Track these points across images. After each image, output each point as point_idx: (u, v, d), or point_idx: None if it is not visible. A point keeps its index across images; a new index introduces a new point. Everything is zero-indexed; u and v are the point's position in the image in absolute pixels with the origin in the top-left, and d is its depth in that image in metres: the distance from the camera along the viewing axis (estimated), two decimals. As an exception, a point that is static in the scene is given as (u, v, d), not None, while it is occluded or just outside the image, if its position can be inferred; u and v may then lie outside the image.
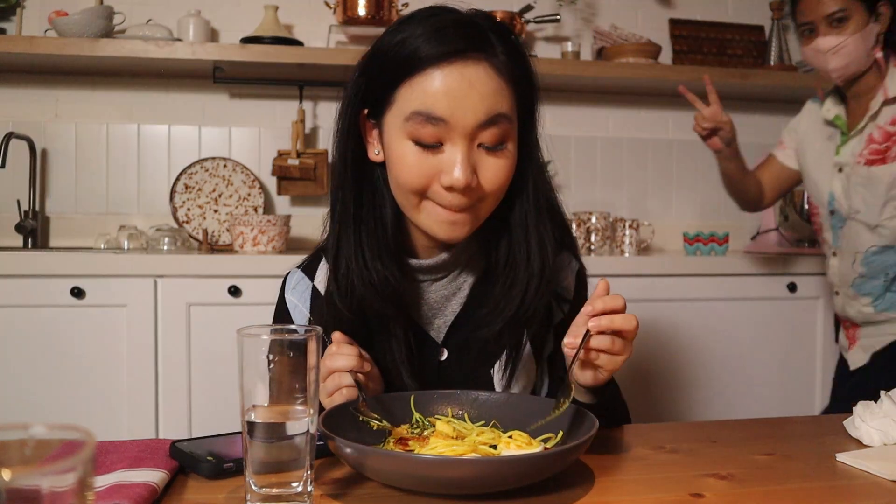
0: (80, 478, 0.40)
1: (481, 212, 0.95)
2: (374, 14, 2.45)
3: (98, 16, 2.29)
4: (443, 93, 0.87)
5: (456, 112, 0.87)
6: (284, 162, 2.51)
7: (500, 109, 0.90)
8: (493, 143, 0.91)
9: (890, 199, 1.69)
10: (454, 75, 0.87)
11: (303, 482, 0.73)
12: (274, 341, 0.74)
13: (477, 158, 0.91)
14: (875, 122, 1.71)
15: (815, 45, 1.68)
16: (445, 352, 1.04)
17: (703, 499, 0.79)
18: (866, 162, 1.71)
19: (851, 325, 1.89)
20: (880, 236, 1.73)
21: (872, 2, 1.65)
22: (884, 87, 1.69)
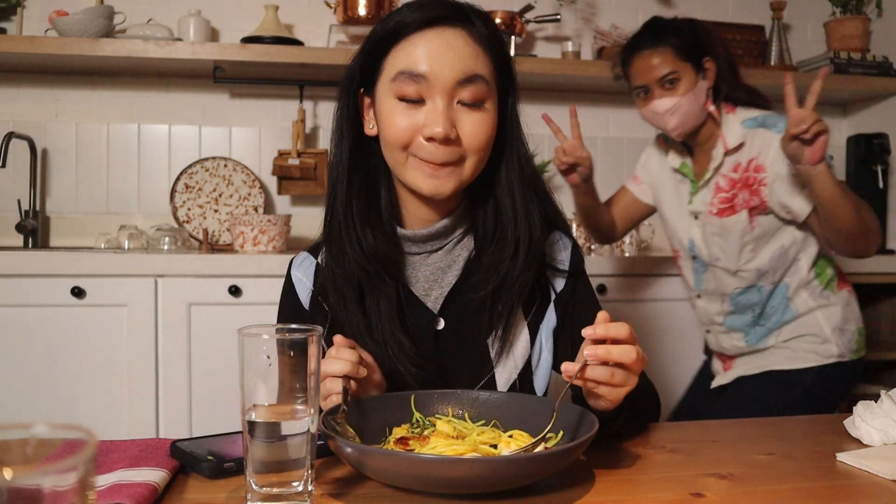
0: (81, 477, 0.40)
1: (464, 170, 0.99)
2: (375, 14, 2.45)
3: (98, 15, 2.29)
4: (424, 52, 0.95)
5: (435, 69, 0.95)
6: (285, 162, 2.51)
7: (477, 70, 0.96)
8: (471, 100, 0.97)
9: (744, 244, 1.77)
10: (434, 38, 0.96)
11: (303, 482, 0.73)
12: (275, 341, 0.74)
13: (457, 114, 0.97)
14: (720, 171, 1.78)
15: (651, 108, 1.74)
16: (442, 321, 1.06)
17: (703, 498, 0.79)
18: (717, 212, 1.79)
19: (727, 357, 1.95)
20: (742, 279, 1.81)
21: (698, 60, 1.73)
22: (722, 137, 1.76)
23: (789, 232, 1.76)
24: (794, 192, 1.67)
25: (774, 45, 2.84)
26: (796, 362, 1.80)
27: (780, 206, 1.70)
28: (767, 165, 1.70)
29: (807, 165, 1.51)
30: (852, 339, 1.83)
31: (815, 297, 1.80)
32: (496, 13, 2.57)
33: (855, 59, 2.75)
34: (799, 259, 1.78)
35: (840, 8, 2.87)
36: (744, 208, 1.75)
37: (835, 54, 2.75)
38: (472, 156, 0.99)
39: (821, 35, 2.96)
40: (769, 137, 1.70)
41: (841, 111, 3.07)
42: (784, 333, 1.82)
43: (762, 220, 1.75)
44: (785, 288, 1.80)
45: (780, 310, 1.81)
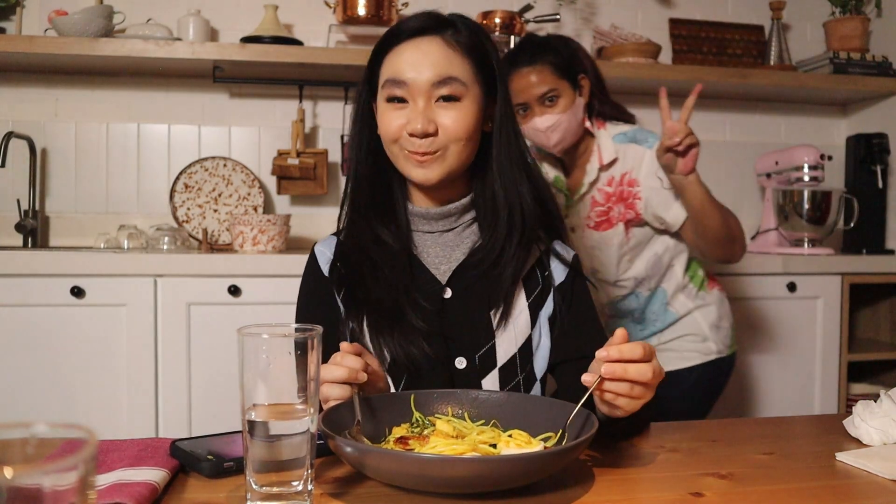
0: (81, 476, 0.40)
1: (448, 158, 1.12)
2: (374, 13, 2.45)
3: (98, 15, 2.29)
4: (405, 61, 1.11)
5: (413, 75, 1.10)
6: (284, 161, 2.51)
7: (450, 73, 1.10)
8: (447, 95, 1.11)
9: (622, 255, 1.82)
10: (413, 48, 1.11)
11: (303, 481, 0.73)
12: (274, 340, 0.74)
13: (436, 111, 1.11)
14: (595, 186, 1.82)
15: (532, 125, 1.76)
16: (449, 291, 1.16)
17: (703, 498, 0.79)
18: (595, 226, 1.83)
19: None
20: (621, 288, 1.86)
21: (574, 77, 1.76)
22: (598, 152, 1.80)
23: (662, 240, 1.83)
24: (668, 205, 1.73)
25: (774, 45, 2.84)
26: (681, 362, 1.86)
27: (654, 218, 1.77)
28: (641, 180, 1.75)
29: (679, 175, 1.60)
30: (727, 336, 1.92)
31: (692, 299, 1.87)
32: (496, 13, 2.57)
33: (854, 58, 2.75)
34: (673, 265, 1.85)
35: (839, 8, 2.87)
36: (620, 221, 1.80)
37: (834, 54, 2.75)
38: (453, 145, 1.11)
39: (820, 35, 2.96)
40: (640, 152, 1.76)
41: (840, 111, 3.07)
42: (666, 335, 1.88)
43: (637, 232, 1.81)
44: (663, 293, 1.86)
45: (661, 314, 1.87)
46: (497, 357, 1.13)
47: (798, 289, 2.40)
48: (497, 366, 1.12)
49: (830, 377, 2.44)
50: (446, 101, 1.11)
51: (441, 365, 1.11)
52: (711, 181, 2.93)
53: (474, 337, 1.13)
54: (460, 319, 1.14)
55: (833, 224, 2.61)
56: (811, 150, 2.61)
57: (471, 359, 1.12)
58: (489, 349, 1.13)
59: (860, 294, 2.61)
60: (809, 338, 2.43)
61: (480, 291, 1.15)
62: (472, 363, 1.12)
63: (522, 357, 1.14)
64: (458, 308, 1.15)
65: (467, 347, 1.13)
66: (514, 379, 1.13)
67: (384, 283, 1.14)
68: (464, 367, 1.12)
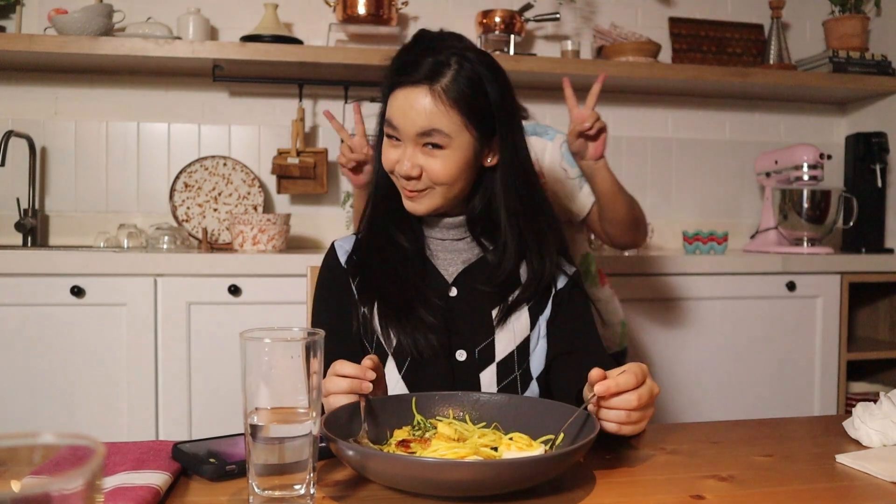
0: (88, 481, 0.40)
1: (435, 196, 1.20)
2: (374, 12, 2.45)
3: (97, 14, 2.29)
4: (396, 108, 1.18)
5: (402, 123, 1.17)
6: (284, 160, 2.51)
7: (434, 125, 1.15)
8: (432, 144, 1.17)
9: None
10: (403, 97, 1.17)
11: (305, 484, 0.74)
12: (277, 344, 0.74)
13: (422, 156, 1.18)
14: None
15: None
16: (455, 289, 1.23)
17: (703, 500, 0.79)
18: None
19: None
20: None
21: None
22: None
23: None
24: (573, 195, 1.72)
25: (773, 44, 2.84)
26: None
27: (560, 211, 1.73)
28: (545, 171, 1.73)
29: (590, 161, 1.60)
30: (616, 333, 1.90)
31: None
32: (496, 12, 2.57)
33: (854, 57, 2.75)
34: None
35: (839, 7, 2.87)
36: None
37: (834, 53, 2.75)
38: (438, 186, 1.18)
39: (820, 34, 2.96)
40: (542, 144, 1.74)
41: (840, 110, 3.07)
42: None
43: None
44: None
45: None
46: (496, 352, 1.20)
47: (797, 288, 2.41)
48: (495, 360, 1.19)
49: (830, 376, 2.45)
50: (432, 148, 1.17)
51: (443, 356, 1.18)
52: (711, 180, 2.96)
53: (475, 332, 1.20)
54: (463, 316, 1.21)
55: (832, 223, 2.61)
56: (810, 149, 2.61)
57: (471, 352, 1.19)
58: (488, 344, 1.20)
59: (859, 293, 2.62)
60: (809, 337, 2.44)
61: (484, 293, 1.22)
62: (471, 356, 1.19)
63: (520, 355, 1.21)
64: (462, 305, 1.22)
65: (468, 341, 1.20)
66: (510, 375, 1.19)
67: (396, 277, 1.22)
68: (464, 360, 1.19)
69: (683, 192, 2.95)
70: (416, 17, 2.72)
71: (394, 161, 1.20)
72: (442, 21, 2.73)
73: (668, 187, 2.94)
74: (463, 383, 1.18)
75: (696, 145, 2.97)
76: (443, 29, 1.25)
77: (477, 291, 1.22)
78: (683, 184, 2.95)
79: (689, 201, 2.96)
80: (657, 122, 2.94)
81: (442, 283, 1.24)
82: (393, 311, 1.19)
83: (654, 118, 2.93)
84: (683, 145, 2.95)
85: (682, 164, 2.95)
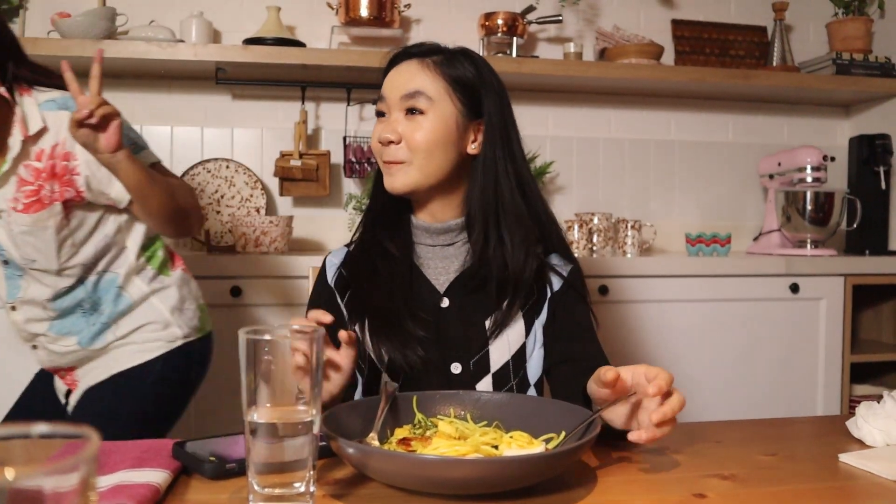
0: (83, 478, 0.40)
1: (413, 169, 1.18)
2: (377, 15, 2.45)
3: (101, 17, 2.30)
4: (386, 83, 1.23)
5: (388, 91, 1.21)
6: (287, 163, 2.51)
7: (418, 87, 1.18)
8: (411, 108, 1.19)
9: (63, 240, 1.57)
10: (394, 72, 1.22)
11: (305, 482, 0.73)
12: (276, 342, 0.74)
13: (402, 122, 1.19)
14: (21, 162, 1.54)
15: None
16: (447, 300, 1.21)
17: (706, 499, 0.79)
18: (24, 208, 1.54)
19: (67, 371, 1.71)
20: (67, 277, 1.60)
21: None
22: (20, 123, 1.53)
23: (114, 219, 1.62)
24: (110, 179, 1.52)
25: (776, 46, 2.84)
26: (143, 355, 1.64)
27: (99, 195, 1.56)
28: (77, 152, 1.52)
29: (107, 154, 1.41)
30: (194, 317, 1.71)
31: (149, 283, 1.66)
32: (498, 14, 2.57)
33: (857, 60, 2.75)
34: (126, 246, 1.64)
35: (842, 9, 2.87)
36: (56, 201, 1.54)
37: (837, 55, 2.74)
38: (416, 156, 1.17)
39: (823, 36, 2.96)
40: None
41: (843, 112, 3.06)
42: (123, 327, 1.65)
43: (81, 213, 1.57)
44: (114, 278, 1.64)
45: (111, 302, 1.63)
46: (490, 363, 1.18)
47: (801, 290, 2.40)
48: (490, 371, 1.18)
49: (833, 378, 2.44)
50: (411, 114, 1.19)
51: (437, 370, 1.16)
52: (714, 182, 2.95)
53: (468, 344, 1.18)
54: (456, 327, 1.19)
55: (836, 225, 2.60)
56: (814, 151, 2.60)
57: (465, 365, 1.18)
58: (483, 356, 1.18)
59: (863, 295, 2.61)
60: (812, 339, 2.43)
61: (476, 301, 1.20)
62: (466, 368, 1.17)
63: (516, 363, 1.19)
64: (454, 316, 1.20)
65: (462, 354, 1.18)
66: (507, 384, 1.18)
67: (384, 291, 1.20)
68: (459, 373, 1.17)
69: (686, 194, 2.95)
70: (418, 20, 2.73)
71: (374, 138, 1.21)
72: (444, 23, 2.74)
73: (671, 189, 2.94)
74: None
75: (699, 147, 2.96)
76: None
77: (469, 301, 1.20)
78: (686, 186, 2.95)
79: (692, 203, 2.95)
80: (660, 125, 2.93)
81: (433, 293, 1.22)
82: (382, 327, 1.17)
83: (657, 120, 2.93)
84: (686, 147, 2.95)
85: (685, 166, 2.95)
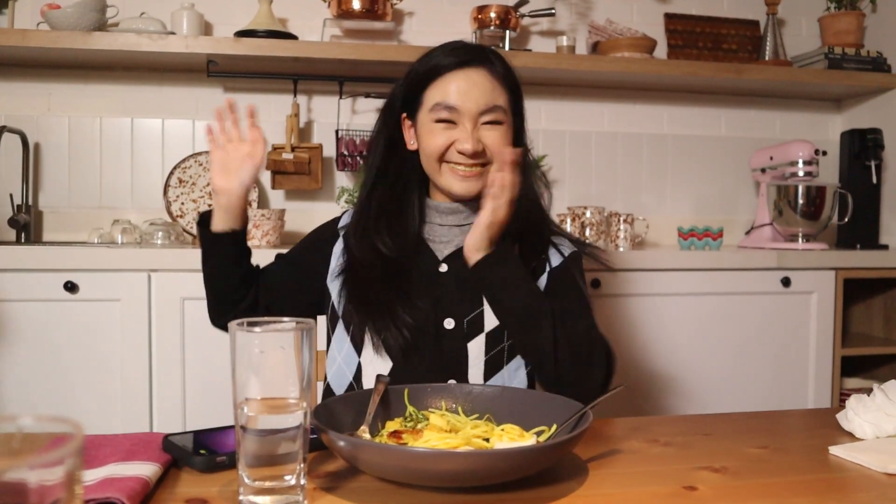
0: (68, 471, 0.39)
1: (485, 174, 1.24)
2: (369, 8, 2.44)
3: (91, 9, 2.28)
4: (454, 89, 1.23)
5: (464, 102, 1.23)
6: (279, 156, 2.50)
7: (496, 102, 1.24)
8: (492, 121, 1.25)
9: None
10: (462, 77, 1.24)
11: (296, 475, 0.73)
12: (266, 334, 0.73)
13: (481, 132, 1.24)
14: None
15: None
16: (445, 266, 1.28)
17: (696, 491, 0.79)
18: None
19: None
20: None
21: None
22: None
23: None
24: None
25: (769, 41, 2.84)
26: None
27: None
28: None
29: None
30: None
31: None
32: (491, 7, 2.56)
33: (849, 54, 2.75)
34: None
35: (834, 3, 2.87)
36: None
37: (829, 49, 2.75)
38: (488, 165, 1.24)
39: (815, 30, 2.96)
40: None
41: (835, 106, 3.07)
42: None
43: None
44: None
45: None
46: (485, 323, 1.22)
47: (792, 284, 2.41)
48: (484, 331, 1.22)
49: (824, 372, 2.45)
50: (490, 125, 1.25)
51: (430, 324, 1.21)
52: (706, 176, 2.96)
53: (462, 303, 1.24)
54: (452, 289, 1.25)
55: (827, 219, 2.61)
56: (806, 145, 2.61)
57: (459, 322, 1.22)
58: (477, 315, 1.22)
59: (854, 289, 2.62)
60: (803, 332, 2.44)
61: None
62: (459, 325, 1.22)
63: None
64: (450, 280, 1.26)
65: (456, 311, 1.23)
66: (499, 345, 1.21)
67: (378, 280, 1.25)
68: (452, 328, 1.22)
69: (678, 188, 2.95)
70: (411, 13, 2.72)
71: (445, 143, 1.24)
72: (437, 16, 2.73)
73: (664, 183, 2.94)
74: (451, 352, 1.20)
75: (692, 141, 2.97)
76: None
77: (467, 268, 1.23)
78: (678, 179, 2.95)
79: (684, 197, 2.96)
80: (652, 118, 2.93)
81: (434, 261, 1.28)
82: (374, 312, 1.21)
83: (650, 114, 2.93)
84: (679, 141, 2.95)
85: (677, 159, 2.95)
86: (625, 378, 2.24)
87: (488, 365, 1.21)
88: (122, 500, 0.71)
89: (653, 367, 2.30)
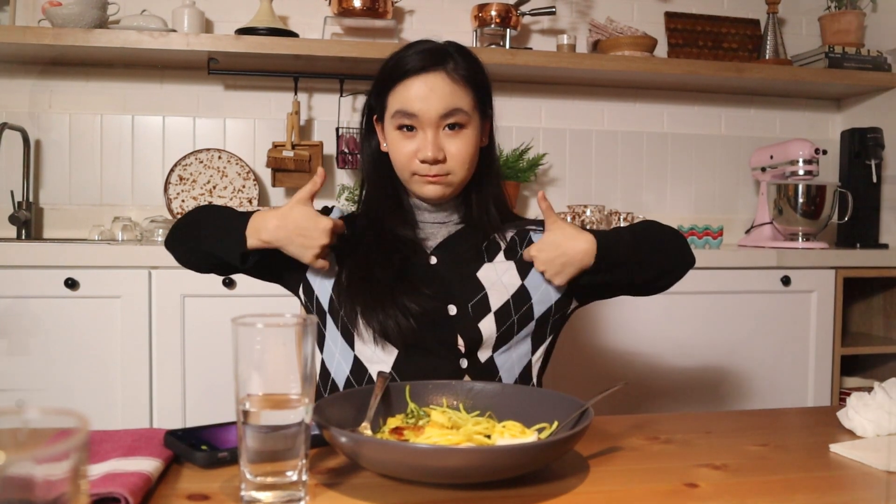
0: (73, 465, 0.39)
1: (454, 178, 1.25)
2: (370, 6, 2.44)
3: (92, 6, 2.28)
4: (413, 96, 1.22)
5: (422, 108, 1.22)
6: (279, 153, 2.50)
7: (455, 105, 1.22)
8: (454, 123, 1.23)
9: None
10: (420, 83, 1.22)
11: (297, 471, 0.73)
12: (269, 330, 0.73)
13: (443, 139, 1.23)
14: None
15: None
16: (434, 258, 1.29)
17: (697, 489, 0.79)
18: None
19: None
20: None
21: None
22: None
23: None
24: None
25: (769, 40, 2.84)
26: None
27: None
28: None
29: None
30: None
31: None
32: (491, 6, 2.56)
33: (849, 53, 2.75)
34: None
35: (835, 2, 2.87)
36: None
37: (829, 48, 2.75)
38: (458, 168, 1.24)
39: (815, 29, 2.96)
40: None
41: (835, 106, 3.07)
42: None
43: None
44: None
45: None
46: (491, 304, 1.23)
47: (792, 283, 2.41)
48: (492, 310, 1.22)
49: (824, 371, 2.45)
50: (451, 130, 1.23)
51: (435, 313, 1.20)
52: (706, 175, 2.96)
53: (463, 289, 1.24)
54: (447, 278, 1.25)
55: (827, 218, 2.61)
56: (806, 144, 2.61)
57: (463, 307, 1.22)
58: (481, 299, 1.23)
59: (854, 288, 2.62)
60: (803, 331, 2.44)
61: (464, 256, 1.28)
62: (464, 310, 1.22)
63: (517, 301, 1.25)
64: (444, 270, 1.27)
65: (458, 298, 1.23)
66: (508, 320, 1.23)
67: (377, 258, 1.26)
68: (455, 314, 1.22)
69: (678, 187, 2.95)
70: (411, 11, 2.72)
71: (411, 151, 1.23)
72: (437, 15, 2.73)
73: (664, 182, 2.94)
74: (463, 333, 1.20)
75: (692, 140, 2.97)
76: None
77: (456, 257, 1.27)
78: (679, 178, 2.95)
79: (684, 196, 2.96)
80: (653, 117, 2.93)
81: (424, 253, 1.29)
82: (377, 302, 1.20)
83: (650, 113, 2.93)
84: (679, 140, 2.95)
85: (677, 158, 2.95)
86: (625, 376, 2.24)
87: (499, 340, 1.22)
88: (125, 495, 0.71)
89: (653, 365, 2.30)
